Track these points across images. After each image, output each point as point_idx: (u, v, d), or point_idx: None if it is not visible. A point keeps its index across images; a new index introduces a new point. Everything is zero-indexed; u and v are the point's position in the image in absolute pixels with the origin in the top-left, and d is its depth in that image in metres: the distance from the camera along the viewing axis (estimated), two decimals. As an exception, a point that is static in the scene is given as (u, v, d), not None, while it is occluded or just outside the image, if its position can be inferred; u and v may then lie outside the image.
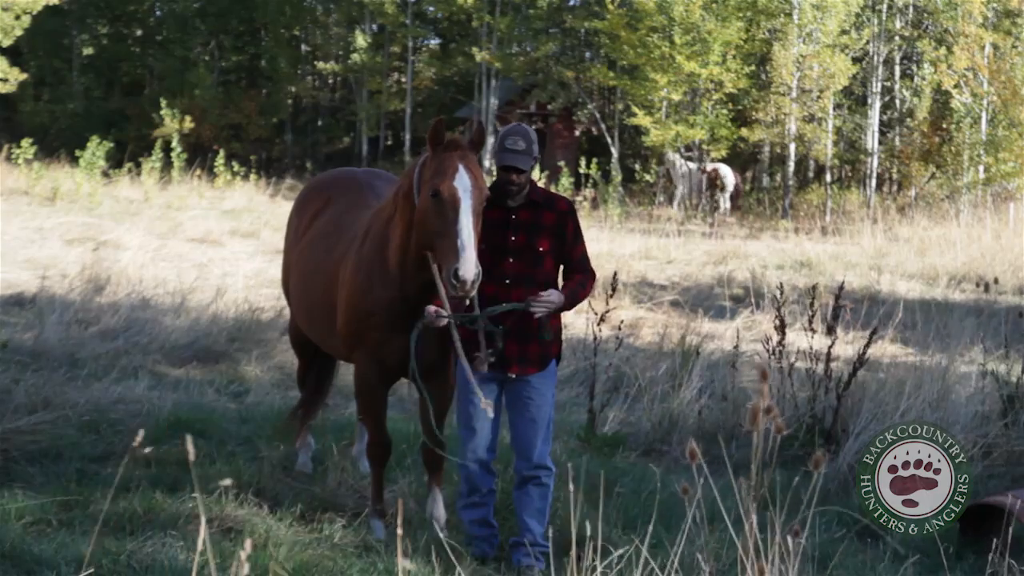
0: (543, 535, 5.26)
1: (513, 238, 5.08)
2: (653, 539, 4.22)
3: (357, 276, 5.41)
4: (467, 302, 5.02)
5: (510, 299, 5.09)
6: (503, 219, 5.13)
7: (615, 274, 7.79)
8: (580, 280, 5.19)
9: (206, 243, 17.18)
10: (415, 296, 5.19)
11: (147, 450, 3.15)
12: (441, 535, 5.01)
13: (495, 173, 5.37)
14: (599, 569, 3.95)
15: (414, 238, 5.08)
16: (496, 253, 5.10)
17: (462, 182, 4.93)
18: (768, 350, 7.68)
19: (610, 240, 19.84)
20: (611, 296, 7.49)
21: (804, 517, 3.66)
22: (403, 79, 37.82)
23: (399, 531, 2.94)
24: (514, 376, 5.16)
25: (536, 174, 24.92)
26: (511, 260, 5.08)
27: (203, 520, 2.71)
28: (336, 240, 5.81)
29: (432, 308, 5.03)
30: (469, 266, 4.72)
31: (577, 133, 37.68)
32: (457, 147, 5.05)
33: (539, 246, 5.14)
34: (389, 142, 39.45)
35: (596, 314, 7.38)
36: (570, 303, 5.12)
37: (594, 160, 28.53)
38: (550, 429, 5.30)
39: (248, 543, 2.43)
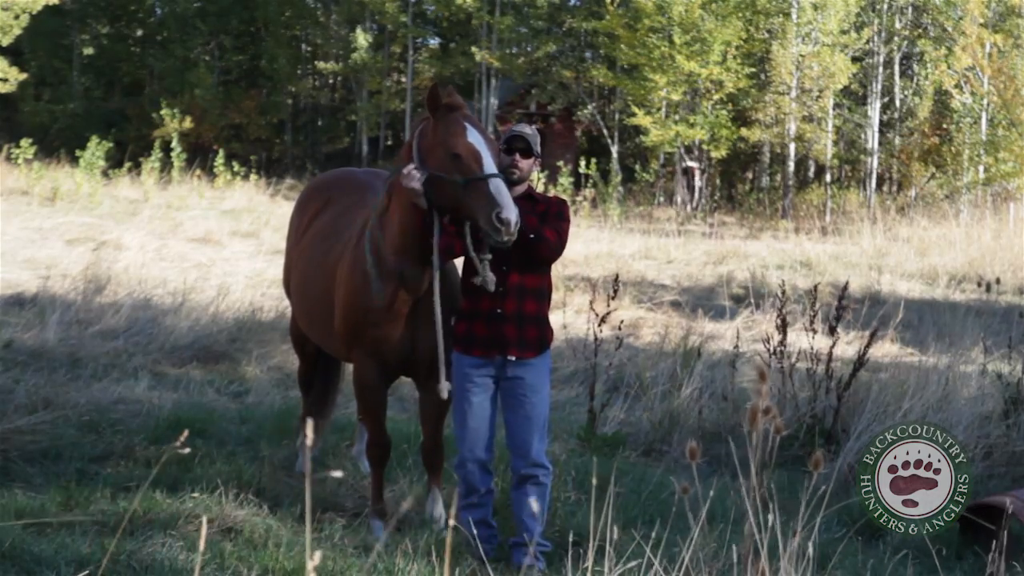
0: (542, 534, 5.26)
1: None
2: (654, 539, 4.22)
3: (354, 274, 5.41)
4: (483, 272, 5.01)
5: (506, 285, 5.14)
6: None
7: (616, 276, 7.78)
8: (537, 222, 5.10)
9: (206, 243, 17.18)
10: (414, 286, 5.19)
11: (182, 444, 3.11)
12: (471, 533, 5.01)
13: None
14: (597, 569, 3.95)
15: (415, 211, 5.05)
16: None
17: (475, 137, 4.96)
18: (769, 350, 7.68)
19: (610, 240, 19.85)
20: (612, 297, 7.49)
21: (810, 519, 3.66)
22: (403, 79, 37.82)
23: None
24: (514, 359, 5.16)
25: (535, 176, 25.02)
26: (523, 248, 5.09)
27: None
28: (335, 240, 5.81)
29: (406, 169, 4.96)
30: (510, 207, 4.75)
31: (577, 133, 37.68)
32: (457, 107, 5.08)
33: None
34: (389, 142, 39.43)
35: (597, 315, 7.38)
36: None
37: (594, 160, 28.53)
38: (546, 427, 5.30)
39: (318, 555, 2.41)
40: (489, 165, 4.89)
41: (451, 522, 2.65)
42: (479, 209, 4.81)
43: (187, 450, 3.18)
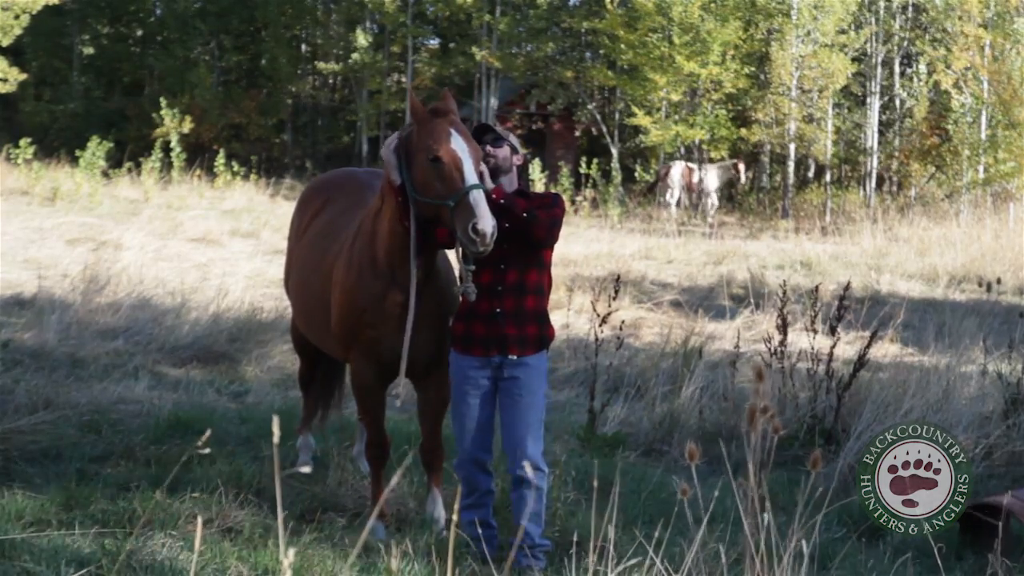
0: (541, 535, 5.26)
1: (507, 224, 5.09)
2: (652, 540, 4.22)
3: (349, 274, 5.41)
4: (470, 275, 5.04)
5: (504, 283, 5.15)
6: (495, 208, 5.15)
7: (618, 277, 7.79)
8: (529, 204, 5.12)
9: (206, 243, 17.18)
10: (408, 287, 5.18)
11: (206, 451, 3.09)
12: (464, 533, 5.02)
13: None
14: (597, 569, 3.95)
15: (413, 212, 5.05)
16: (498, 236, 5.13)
17: (458, 143, 4.96)
18: (770, 350, 7.68)
19: (610, 240, 19.85)
20: (614, 298, 7.49)
21: (809, 519, 3.66)
22: (403, 79, 37.80)
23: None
24: (515, 357, 5.16)
25: (536, 174, 24.92)
26: (504, 246, 5.09)
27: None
28: (333, 240, 5.81)
29: None
30: (486, 219, 4.74)
31: (577, 133, 37.66)
32: (443, 113, 5.08)
33: None
34: (389, 142, 39.38)
35: (598, 315, 7.39)
36: (502, 195, 5.06)
37: (594, 160, 28.52)
38: (542, 429, 5.29)
39: (291, 552, 2.41)
40: (470, 174, 4.88)
41: (446, 520, 2.65)
42: (457, 220, 4.82)
43: (207, 451, 3.16)
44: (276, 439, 2.37)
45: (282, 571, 2.27)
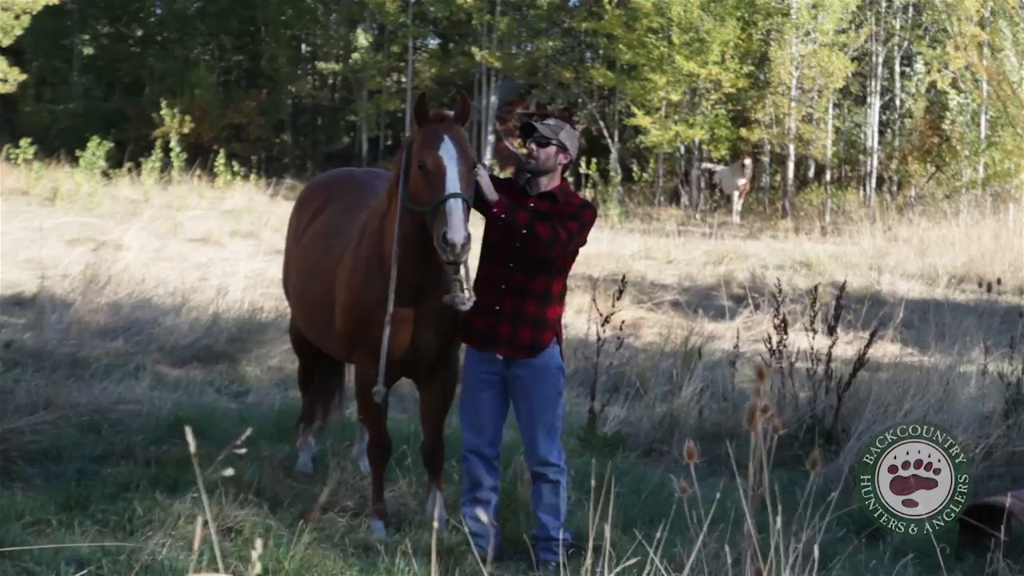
0: (557, 528, 5.26)
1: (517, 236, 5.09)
2: (651, 540, 4.22)
3: (355, 275, 5.41)
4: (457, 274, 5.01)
5: (510, 283, 5.15)
6: (520, 206, 5.16)
7: (623, 278, 7.78)
8: (536, 219, 5.07)
9: (206, 243, 17.18)
10: (414, 289, 5.18)
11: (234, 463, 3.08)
12: (473, 532, 5.03)
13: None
14: (597, 569, 3.95)
15: (411, 216, 5.08)
16: (503, 239, 5.13)
17: (447, 151, 4.97)
18: (769, 350, 7.68)
19: (610, 240, 19.83)
20: (618, 299, 7.49)
21: (811, 520, 3.67)
22: (403, 79, 37.77)
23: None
24: (501, 357, 5.18)
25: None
26: (518, 245, 5.10)
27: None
28: (334, 240, 5.80)
29: None
30: (456, 229, 4.75)
31: (577, 133, 37.63)
32: (442, 119, 5.09)
33: None
34: (389, 142, 39.39)
35: (600, 315, 7.39)
36: (504, 209, 5.04)
37: (594, 160, 28.51)
38: (556, 426, 5.28)
39: (259, 543, 2.42)
40: (452, 183, 4.88)
41: (435, 524, 2.66)
42: (434, 228, 4.85)
43: (244, 451, 3.16)
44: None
45: (282, 571, 2.27)
